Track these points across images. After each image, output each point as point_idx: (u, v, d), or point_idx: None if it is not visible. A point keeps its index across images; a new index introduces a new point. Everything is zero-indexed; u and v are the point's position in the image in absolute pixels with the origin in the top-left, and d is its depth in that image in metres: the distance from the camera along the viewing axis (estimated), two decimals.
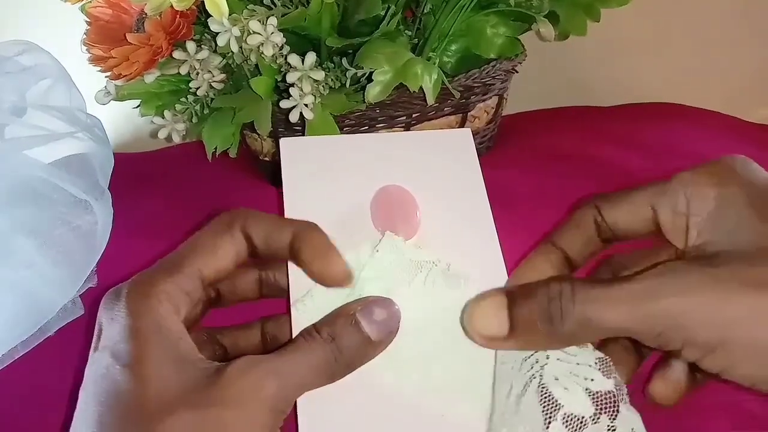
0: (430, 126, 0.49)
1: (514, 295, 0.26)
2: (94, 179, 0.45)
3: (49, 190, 0.42)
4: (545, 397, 0.25)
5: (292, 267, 0.31)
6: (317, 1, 0.40)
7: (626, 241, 0.29)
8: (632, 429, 0.25)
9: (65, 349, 0.41)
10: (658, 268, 0.24)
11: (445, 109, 0.49)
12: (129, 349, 0.25)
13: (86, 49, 0.44)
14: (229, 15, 0.40)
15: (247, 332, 0.34)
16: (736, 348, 0.22)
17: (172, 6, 0.39)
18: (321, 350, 0.26)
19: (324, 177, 0.33)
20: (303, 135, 0.44)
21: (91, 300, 0.43)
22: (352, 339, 0.27)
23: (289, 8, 0.42)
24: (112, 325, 0.26)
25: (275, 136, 0.49)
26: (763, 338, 0.22)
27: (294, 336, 0.29)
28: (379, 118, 0.47)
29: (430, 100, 0.43)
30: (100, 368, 0.25)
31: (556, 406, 0.25)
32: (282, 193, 0.34)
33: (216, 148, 0.46)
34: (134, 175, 0.56)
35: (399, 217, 0.32)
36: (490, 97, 0.51)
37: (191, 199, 0.55)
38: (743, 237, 0.24)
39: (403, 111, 0.47)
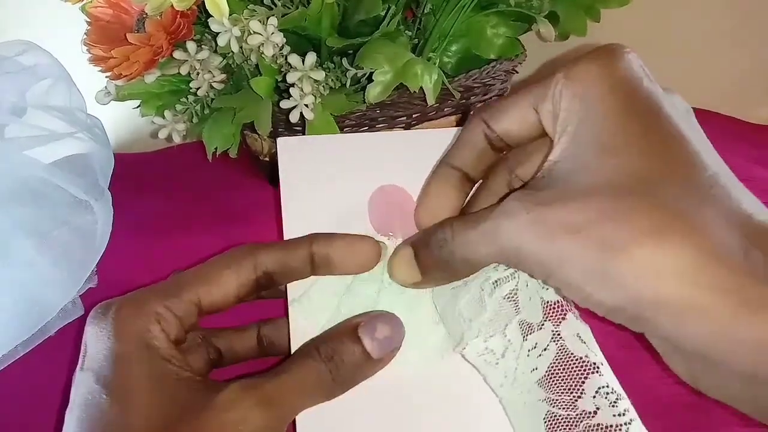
0: (429, 126, 0.49)
1: (416, 246, 0.28)
2: (95, 179, 0.44)
3: (50, 190, 0.42)
4: (510, 302, 0.27)
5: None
6: (317, 2, 0.40)
7: (520, 147, 0.29)
8: (577, 334, 0.26)
9: (65, 349, 0.41)
10: (502, 204, 0.24)
11: (446, 109, 0.49)
12: (114, 375, 0.24)
13: (87, 49, 0.44)
14: (230, 15, 0.40)
15: (243, 335, 0.34)
16: (561, 283, 0.23)
17: (172, 6, 0.39)
18: (317, 371, 0.26)
19: (321, 176, 0.33)
20: (303, 135, 0.44)
21: (92, 300, 0.43)
22: (353, 357, 0.27)
23: (289, 8, 0.42)
24: (96, 343, 0.25)
25: (275, 137, 0.49)
26: (574, 277, 0.22)
27: (291, 334, 0.29)
28: (380, 119, 0.47)
29: (431, 100, 0.43)
30: (86, 393, 0.24)
31: (516, 311, 0.27)
32: (280, 192, 0.34)
33: (216, 149, 0.46)
34: (134, 176, 0.56)
35: (396, 216, 0.32)
36: (491, 98, 0.51)
37: (191, 199, 0.55)
38: (588, 164, 0.24)
39: (403, 111, 0.47)
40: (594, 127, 0.24)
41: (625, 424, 0.25)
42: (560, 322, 0.27)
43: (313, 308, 0.30)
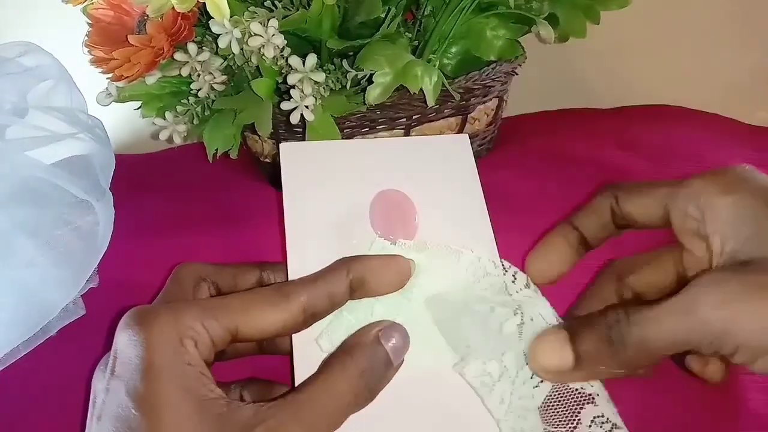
0: (430, 128, 0.49)
1: (574, 329, 0.27)
2: (96, 180, 0.45)
3: (51, 190, 0.42)
4: (513, 334, 0.28)
5: (291, 267, 0.31)
6: (318, 3, 0.40)
7: (639, 230, 0.31)
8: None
9: (67, 349, 0.41)
10: (700, 279, 0.25)
11: (446, 111, 0.49)
12: (144, 389, 0.24)
13: (88, 51, 0.44)
14: (230, 17, 0.40)
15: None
16: None
17: (173, 8, 0.39)
18: (347, 382, 0.26)
19: (323, 181, 0.34)
20: (304, 137, 0.44)
21: (93, 300, 0.43)
22: (381, 363, 0.27)
23: (290, 10, 0.42)
24: (128, 350, 0.25)
25: (276, 138, 0.49)
26: None
27: (293, 340, 0.29)
28: (380, 120, 0.47)
29: (431, 102, 0.43)
30: (116, 405, 0.24)
31: (519, 341, 0.28)
32: (282, 195, 0.34)
33: (217, 150, 0.47)
34: (135, 177, 0.56)
35: (397, 220, 0.33)
36: (490, 99, 0.51)
37: (192, 200, 0.55)
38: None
39: (403, 113, 0.47)
40: (752, 212, 0.26)
41: None
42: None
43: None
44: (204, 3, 0.39)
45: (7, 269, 0.40)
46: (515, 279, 0.30)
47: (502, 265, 0.31)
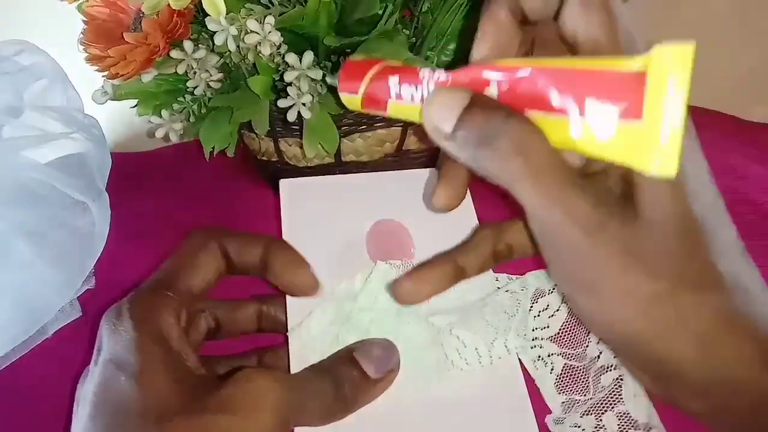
0: None
1: (476, 98, 0.23)
2: (92, 180, 0.44)
3: (46, 191, 0.42)
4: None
5: (289, 300, 0.32)
6: (315, 0, 0.40)
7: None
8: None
9: (63, 350, 0.41)
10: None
11: None
12: (134, 360, 0.25)
13: (83, 49, 0.44)
14: (227, 14, 0.39)
15: (244, 361, 0.34)
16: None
17: (169, 5, 0.39)
18: (321, 381, 0.27)
19: (321, 215, 0.35)
20: (301, 135, 0.44)
21: (89, 302, 0.43)
22: (351, 377, 0.28)
23: (286, 7, 0.42)
24: (114, 338, 0.26)
25: (273, 136, 0.49)
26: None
27: (291, 361, 0.30)
28: (377, 118, 0.47)
29: None
30: (105, 380, 0.25)
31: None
32: (279, 197, 0.35)
33: (213, 148, 0.46)
34: (132, 175, 0.56)
35: (394, 247, 0.34)
36: None
37: (189, 198, 0.55)
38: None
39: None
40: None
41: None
42: None
43: (311, 337, 0.30)
44: (200, 0, 0.39)
45: (3, 271, 0.40)
46: (524, 288, 0.32)
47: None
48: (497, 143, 0.22)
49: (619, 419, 0.29)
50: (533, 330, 0.31)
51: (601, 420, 0.29)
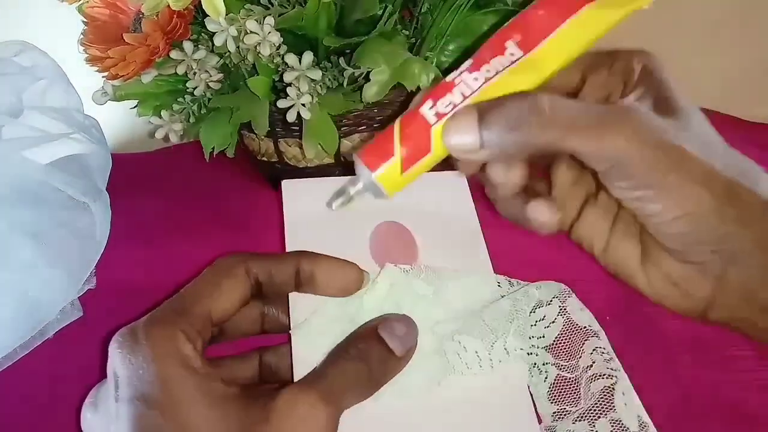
0: None
1: (484, 110, 0.26)
2: (92, 180, 0.44)
3: (47, 191, 0.42)
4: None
5: (292, 301, 0.31)
6: (314, 1, 0.40)
7: None
8: (581, 308, 0.32)
9: (64, 351, 0.41)
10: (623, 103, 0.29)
11: None
12: (164, 396, 0.24)
13: (83, 50, 0.44)
14: (226, 15, 0.39)
15: (245, 363, 0.34)
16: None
17: (169, 6, 0.39)
18: (355, 369, 0.27)
19: (323, 216, 0.34)
20: (301, 135, 0.44)
21: (90, 302, 0.43)
22: (379, 355, 0.28)
23: (286, 8, 0.42)
24: (132, 371, 0.25)
25: (273, 136, 0.49)
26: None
27: (293, 361, 0.30)
28: (377, 118, 0.47)
29: None
30: (137, 420, 0.24)
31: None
32: (280, 198, 0.35)
33: (213, 148, 0.46)
34: (132, 176, 0.56)
35: (397, 249, 0.34)
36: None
37: (189, 199, 0.55)
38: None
39: (400, 111, 0.47)
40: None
41: (615, 370, 0.30)
42: (566, 299, 0.32)
43: (313, 335, 0.30)
44: (200, 1, 0.39)
45: (4, 271, 0.40)
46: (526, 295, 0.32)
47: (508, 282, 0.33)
48: (528, 116, 0.25)
49: (612, 426, 0.29)
50: (530, 338, 0.32)
51: (594, 426, 0.29)
